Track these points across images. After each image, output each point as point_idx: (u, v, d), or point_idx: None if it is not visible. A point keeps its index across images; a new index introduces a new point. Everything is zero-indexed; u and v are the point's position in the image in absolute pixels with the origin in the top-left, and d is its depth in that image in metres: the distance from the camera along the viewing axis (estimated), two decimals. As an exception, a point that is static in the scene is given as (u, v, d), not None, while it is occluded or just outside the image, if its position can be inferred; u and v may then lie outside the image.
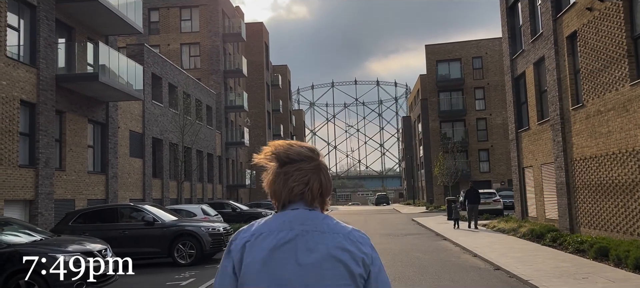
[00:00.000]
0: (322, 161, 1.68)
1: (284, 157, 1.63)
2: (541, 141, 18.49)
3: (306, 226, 1.58)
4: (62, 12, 17.38)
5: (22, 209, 15.45)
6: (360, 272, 1.56)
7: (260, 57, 53.68)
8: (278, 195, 1.64)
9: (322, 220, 1.61)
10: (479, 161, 48.25)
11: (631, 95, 11.96)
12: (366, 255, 1.59)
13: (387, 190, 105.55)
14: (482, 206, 27.94)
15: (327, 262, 1.53)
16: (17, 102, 14.97)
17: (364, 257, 1.59)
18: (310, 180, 1.62)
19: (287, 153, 1.63)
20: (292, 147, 1.65)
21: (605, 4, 13.02)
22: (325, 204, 1.68)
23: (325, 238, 1.57)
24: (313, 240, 1.56)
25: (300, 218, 1.60)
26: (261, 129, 52.41)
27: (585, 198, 14.94)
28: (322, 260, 1.53)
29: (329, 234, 1.58)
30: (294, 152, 1.63)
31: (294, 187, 1.61)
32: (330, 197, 1.72)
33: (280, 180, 1.63)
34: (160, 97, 27.03)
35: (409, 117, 72.30)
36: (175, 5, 40.55)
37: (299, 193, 1.62)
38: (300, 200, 1.62)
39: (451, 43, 50.34)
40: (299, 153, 1.64)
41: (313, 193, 1.62)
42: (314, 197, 1.63)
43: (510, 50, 21.77)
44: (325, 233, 1.58)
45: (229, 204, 27.01)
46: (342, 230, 1.62)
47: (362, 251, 1.59)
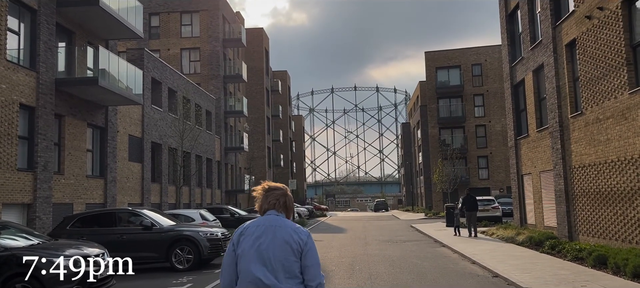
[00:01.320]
0: (287, 190, 3.07)
1: (267, 188, 3.06)
2: (540, 148, 18.50)
3: (273, 224, 2.92)
4: (63, 16, 17.41)
5: (20, 213, 15.42)
6: (297, 248, 2.86)
7: (260, 63, 53.75)
8: (262, 207, 3.03)
9: (282, 221, 2.95)
10: (478, 168, 48.26)
11: (630, 103, 11.98)
12: (301, 240, 2.89)
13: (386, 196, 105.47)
14: (480, 213, 27.91)
15: (281, 242, 2.86)
16: (16, 105, 14.96)
17: (300, 241, 2.88)
18: (279, 199, 3.02)
19: (268, 186, 3.07)
20: (271, 184, 3.06)
21: (604, 12, 13.06)
22: (289, 214, 3.02)
23: (281, 231, 2.89)
24: (275, 231, 2.89)
25: (270, 219, 2.96)
26: (260, 134, 52.41)
27: (584, 206, 14.93)
28: (279, 242, 2.86)
29: (283, 228, 2.90)
30: (272, 186, 3.06)
31: (270, 201, 3.02)
32: (293, 209, 3.11)
33: (264, 198, 3.03)
34: (159, 101, 27.04)
35: (408, 123, 72.36)
36: (176, 10, 40.64)
37: (272, 204, 3.01)
38: (273, 209, 3.00)
39: (451, 50, 50.46)
40: (274, 186, 3.06)
41: (279, 205, 3.01)
42: (280, 208, 3.01)
43: (510, 57, 21.82)
44: (282, 227, 2.90)
45: (228, 209, 26.97)
46: (291, 226, 2.93)
47: (300, 237, 2.89)
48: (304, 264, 2.84)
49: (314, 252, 2.89)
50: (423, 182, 55.68)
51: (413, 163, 65.08)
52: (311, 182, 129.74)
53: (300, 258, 2.84)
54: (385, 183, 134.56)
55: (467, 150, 47.71)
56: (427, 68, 49.86)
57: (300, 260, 2.84)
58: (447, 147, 46.24)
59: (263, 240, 2.85)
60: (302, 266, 2.84)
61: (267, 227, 2.89)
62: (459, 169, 45.14)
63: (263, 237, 2.86)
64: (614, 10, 12.58)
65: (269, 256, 2.81)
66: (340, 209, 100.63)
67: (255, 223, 2.94)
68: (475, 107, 48.64)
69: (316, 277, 2.84)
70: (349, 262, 13.70)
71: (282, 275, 2.79)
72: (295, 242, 2.84)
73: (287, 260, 2.81)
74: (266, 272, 2.78)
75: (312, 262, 2.85)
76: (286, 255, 2.81)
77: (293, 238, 2.85)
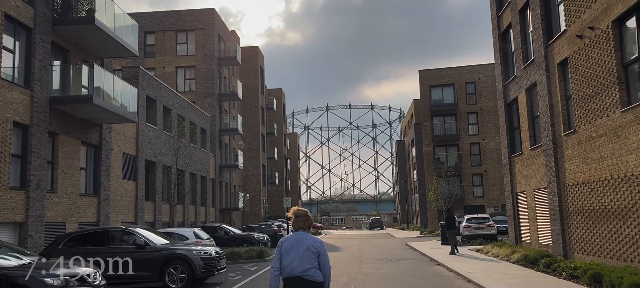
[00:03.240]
0: (307, 213, 5.16)
1: (296, 214, 5.13)
2: (534, 166, 18.57)
3: (300, 237, 5.02)
4: (58, 34, 17.45)
5: (12, 232, 15.25)
6: (315, 251, 4.95)
7: (255, 81, 53.93)
8: (294, 226, 5.10)
9: (306, 235, 5.06)
10: (473, 186, 48.31)
11: (622, 122, 12.08)
12: (317, 246, 4.98)
13: (381, 214, 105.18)
14: (475, 231, 27.93)
15: (305, 248, 4.94)
16: (9, 123, 14.90)
17: (316, 246, 4.97)
18: (304, 223, 5.13)
19: (296, 212, 5.14)
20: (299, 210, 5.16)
21: (595, 31, 13.24)
22: (309, 229, 5.16)
23: (305, 241, 4.98)
24: (303, 241, 4.98)
25: (299, 234, 5.05)
26: (255, 152, 52.35)
27: (579, 224, 14.95)
28: (304, 247, 4.95)
29: (307, 239, 4.99)
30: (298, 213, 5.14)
31: (299, 224, 5.12)
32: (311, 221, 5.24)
33: (294, 221, 5.10)
34: (154, 119, 27.01)
35: (402, 141, 72.53)
36: (171, 28, 40.84)
37: (301, 227, 5.13)
38: (301, 229, 5.11)
39: (444, 68, 50.87)
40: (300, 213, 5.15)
41: (305, 226, 5.13)
42: (306, 228, 5.13)
43: (503, 76, 22.01)
44: (306, 239, 5.00)
45: (222, 227, 26.80)
46: (311, 238, 5.03)
47: (316, 245, 4.98)
48: (320, 260, 4.95)
49: (324, 252, 5.01)
50: (418, 199, 55.66)
51: (408, 181, 65.10)
52: (306, 200, 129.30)
53: (318, 256, 4.95)
54: (380, 201, 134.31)
55: (462, 168, 47.81)
56: (421, 86, 50.18)
57: (317, 257, 4.94)
58: (441, 165, 46.31)
59: (295, 248, 4.94)
60: (319, 261, 4.95)
61: (297, 239, 4.99)
62: (454, 187, 45.15)
63: (295, 245, 4.95)
64: (605, 30, 12.76)
65: (298, 257, 4.90)
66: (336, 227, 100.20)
67: (291, 237, 5.03)
68: (469, 125, 48.88)
69: (327, 265, 5.00)
70: (344, 281, 13.61)
71: (307, 265, 4.89)
72: (314, 247, 4.96)
73: (310, 258, 4.91)
74: (297, 266, 4.88)
75: (324, 258, 5.00)
76: (308, 255, 4.92)
77: (312, 245, 4.96)
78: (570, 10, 14.81)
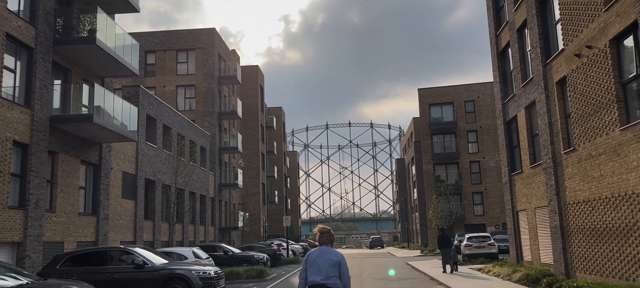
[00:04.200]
0: (330, 231, 5.90)
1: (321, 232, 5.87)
2: (534, 184, 18.53)
3: (324, 251, 5.71)
4: (59, 54, 17.55)
5: (10, 252, 15.15)
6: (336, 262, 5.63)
7: (255, 99, 54.11)
8: (319, 242, 5.81)
9: (329, 249, 5.77)
10: (473, 204, 48.18)
11: (621, 140, 12.09)
12: (339, 259, 5.65)
13: (382, 232, 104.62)
14: (476, 250, 27.77)
15: (328, 260, 5.62)
16: (9, 142, 14.91)
17: (338, 259, 5.65)
18: (327, 238, 5.86)
19: (321, 230, 5.89)
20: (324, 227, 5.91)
21: (592, 50, 13.32)
22: (332, 244, 5.88)
23: (328, 255, 5.66)
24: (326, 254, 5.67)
25: (323, 249, 5.75)
26: (255, 171, 52.30)
27: (580, 243, 14.86)
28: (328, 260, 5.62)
29: (330, 253, 5.68)
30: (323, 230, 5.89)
31: (323, 240, 5.83)
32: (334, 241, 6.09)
33: (320, 237, 5.84)
34: (154, 138, 27.04)
35: (402, 159, 72.50)
36: (172, 48, 41.11)
37: (325, 243, 5.83)
38: (325, 244, 5.82)
39: (443, 87, 51.10)
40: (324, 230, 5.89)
41: (328, 242, 5.85)
42: (329, 243, 5.85)
43: (502, 94, 22.09)
44: (329, 253, 5.70)
45: (221, 247, 26.63)
46: (334, 252, 5.71)
47: (338, 257, 5.66)
48: (340, 270, 5.58)
49: (345, 263, 5.66)
50: (418, 218, 55.43)
51: (408, 200, 64.92)
52: (306, 219, 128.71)
53: (338, 267, 5.58)
54: (381, 219, 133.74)
55: (462, 186, 47.72)
56: (420, 104, 50.33)
57: (338, 268, 5.57)
58: (441, 183, 46.24)
59: (319, 260, 5.60)
60: (339, 271, 5.57)
61: (321, 252, 5.66)
62: (454, 205, 45.03)
63: (319, 258, 5.62)
64: (603, 49, 12.84)
65: (322, 268, 5.55)
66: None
67: (316, 250, 5.72)
68: (469, 143, 48.94)
69: (346, 274, 5.63)
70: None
71: (330, 274, 5.52)
72: (335, 260, 5.60)
73: (331, 269, 5.55)
74: (320, 276, 5.52)
75: (344, 269, 5.64)
76: (331, 266, 5.56)
77: (334, 258, 5.61)
78: (568, 30, 14.93)
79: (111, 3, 19.98)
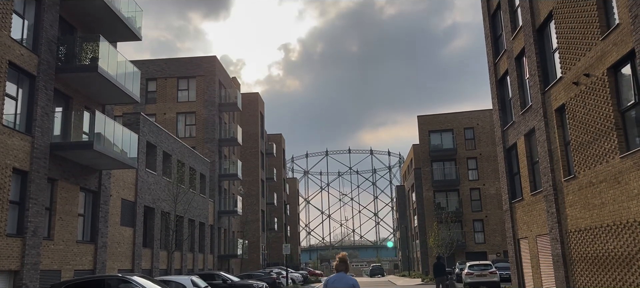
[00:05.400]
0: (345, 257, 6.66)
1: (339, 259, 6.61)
2: (535, 212, 18.44)
3: (341, 277, 6.49)
4: (61, 81, 17.66)
5: (7, 280, 14.97)
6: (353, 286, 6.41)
7: (255, 126, 54.27)
8: (337, 269, 6.56)
9: (345, 275, 6.52)
10: (474, 232, 47.86)
11: (622, 168, 12.08)
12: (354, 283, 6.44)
13: (382, 260, 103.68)
14: (478, 278, 27.45)
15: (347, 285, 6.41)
16: (9, 170, 14.88)
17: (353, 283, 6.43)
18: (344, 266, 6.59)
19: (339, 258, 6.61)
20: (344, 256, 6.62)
21: (590, 78, 13.42)
22: (347, 270, 6.60)
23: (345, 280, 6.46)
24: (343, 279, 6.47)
25: (341, 275, 6.52)
26: (255, 197, 52.09)
27: (583, 271, 14.71)
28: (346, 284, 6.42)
29: (346, 278, 6.47)
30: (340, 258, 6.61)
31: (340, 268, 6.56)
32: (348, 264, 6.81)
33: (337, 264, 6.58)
34: (154, 165, 27.01)
35: (402, 186, 72.30)
36: (173, 75, 41.42)
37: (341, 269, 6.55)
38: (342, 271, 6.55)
39: (443, 114, 51.31)
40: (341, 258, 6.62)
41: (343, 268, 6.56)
42: (344, 270, 6.56)
43: (501, 121, 22.16)
44: (345, 278, 6.48)
45: (219, 275, 26.34)
46: (349, 277, 6.50)
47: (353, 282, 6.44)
48: None
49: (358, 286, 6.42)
50: (419, 245, 54.99)
51: (409, 227, 64.52)
52: (305, 246, 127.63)
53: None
54: (381, 247, 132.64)
55: (463, 213, 47.48)
56: (420, 131, 50.44)
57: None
58: (442, 210, 46.01)
59: (337, 282, 6.36)
60: None
61: (338, 277, 6.40)
62: (455, 233, 44.72)
63: (337, 280, 6.37)
64: (601, 77, 12.94)
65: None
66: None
67: (334, 276, 6.44)
68: (469, 171, 48.89)
69: None
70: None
71: None
72: (351, 284, 6.33)
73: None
74: None
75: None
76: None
77: (351, 282, 6.35)
78: (566, 58, 15.07)
79: (113, 32, 20.21)
